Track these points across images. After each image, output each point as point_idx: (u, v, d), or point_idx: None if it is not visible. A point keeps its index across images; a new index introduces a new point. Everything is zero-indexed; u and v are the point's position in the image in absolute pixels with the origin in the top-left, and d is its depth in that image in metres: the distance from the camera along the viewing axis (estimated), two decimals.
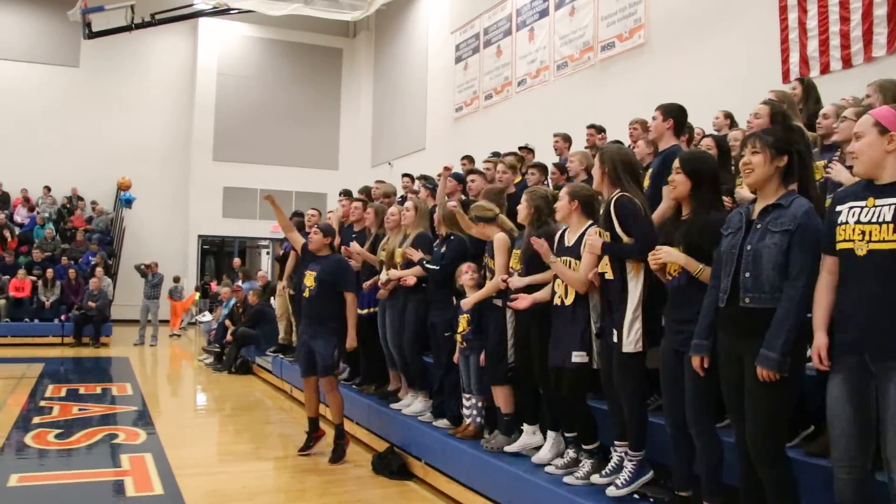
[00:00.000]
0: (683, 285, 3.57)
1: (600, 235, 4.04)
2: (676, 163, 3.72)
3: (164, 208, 20.53)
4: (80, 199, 19.57)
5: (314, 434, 6.52)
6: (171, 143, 20.86)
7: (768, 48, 9.08)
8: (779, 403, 3.04)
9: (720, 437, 3.55)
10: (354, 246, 6.92)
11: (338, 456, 6.22)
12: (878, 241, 2.71)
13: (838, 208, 2.89)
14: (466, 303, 5.30)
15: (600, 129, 8.26)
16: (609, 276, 4.03)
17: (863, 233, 2.76)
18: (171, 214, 20.59)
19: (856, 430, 2.76)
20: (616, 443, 4.12)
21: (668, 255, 3.56)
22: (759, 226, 3.15)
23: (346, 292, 6.23)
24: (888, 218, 2.69)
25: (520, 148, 9.22)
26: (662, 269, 3.65)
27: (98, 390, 9.77)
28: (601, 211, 4.13)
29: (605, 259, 4.04)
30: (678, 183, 3.66)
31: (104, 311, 15.32)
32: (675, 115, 4.89)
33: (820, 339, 2.89)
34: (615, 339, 3.92)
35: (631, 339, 3.85)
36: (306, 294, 6.31)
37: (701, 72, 9.86)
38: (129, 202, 18.83)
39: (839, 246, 2.85)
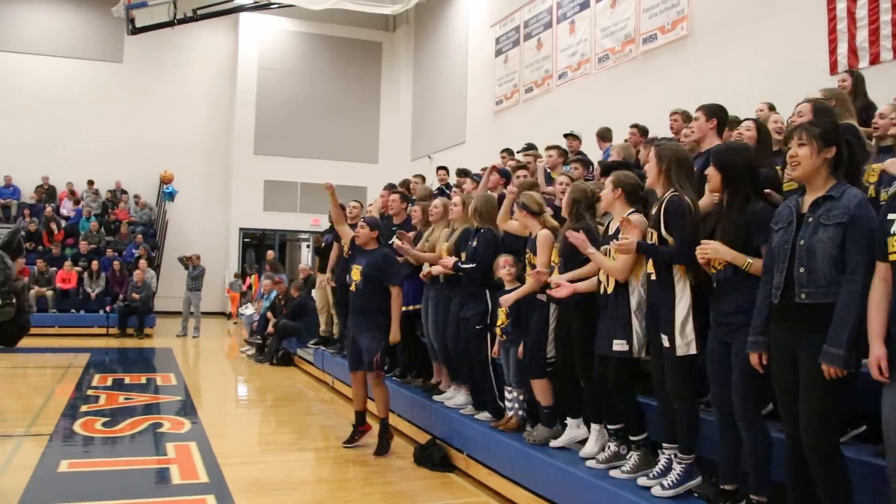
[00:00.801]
0: (730, 277, 3.54)
1: (650, 237, 4.00)
2: (713, 155, 3.70)
3: (206, 202, 20.82)
4: (124, 192, 19.89)
5: (360, 427, 6.55)
6: (212, 137, 21.12)
7: (815, 39, 8.88)
8: (834, 399, 2.99)
9: (769, 430, 3.51)
10: (405, 246, 6.91)
11: (383, 450, 6.26)
12: None
13: (890, 216, 2.81)
14: (506, 299, 5.29)
15: (644, 131, 8.13)
16: (654, 276, 4.00)
17: None
18: (213, 208, 20.88)
19: None
20: (665, 445, 4.08)
21: (714, 252, 3.53)
22: (810, 219, 3.10)
23: (391, 286, 6.25)
24: None
25: (565, 135, 9.18)
26: (708, 262, 3.61)
27: (143, 380, 9.94)
28: (653, 210, 4.08)
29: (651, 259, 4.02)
30: (711, 176, 3.67)
31: (148, 302, 15.57)
32: (718, 114, 4.87)
33: (878, 350, 2.79)
34: (666, 344, 3.87)
35: (684, 342, 3.80)
36: (353, 288, 6.34)
37: (745, 64, 9.69)
38: (171, 195, 19.09)
39: (891, 258, 2.78)
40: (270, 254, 17.02)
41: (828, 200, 3.08)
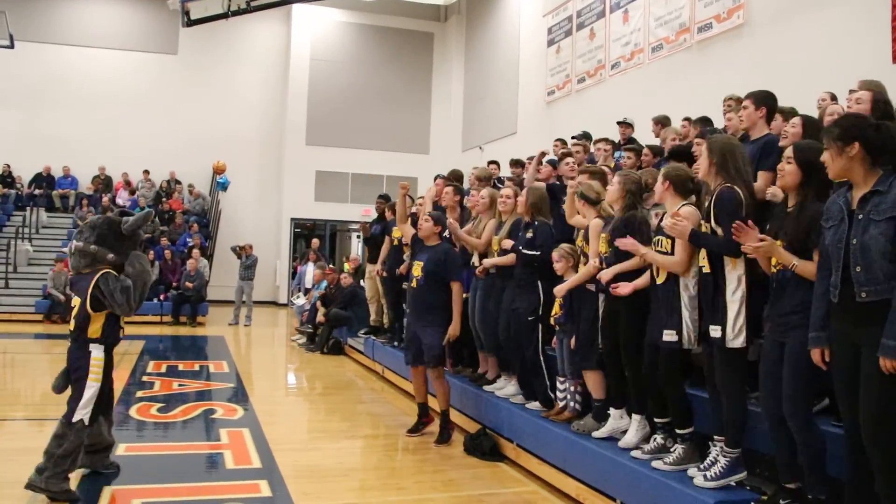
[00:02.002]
0: (788, 278, 3.51)
1: (703, 229, 3.97)
2: (789, 151, 3.66)
3: (258, 191, 21.10)
4: (178, 182, 20.23)
5: (423, 419, 6.60)
6: (264, 127, 21.38)
7: (877, 27, 8.62)
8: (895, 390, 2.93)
9: (819, 428, 3.48)
10: (455, 227, 6.90)
11: (444, 438, 6.29)
12: None
13: None
14: (559, 289, 5.29)
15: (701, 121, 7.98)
16: (707, 269, 3.97)
17: None
18: (265, 197, 21.16)
19: None
20: (715, 437, 4.06)
21: (766, 251, 3.52)
22: (860, 216, 3.06)
23: (452, 282, 6.26)
24: None
25: (618, 122, 9.09)
26: (768, 260, 3.59)
27: (196, 367, 10.13)
28: (706, 203, 4.04)
29: (703, 252, 3.98)
30: (787, 173, 3.61)
31: (200, 291, 15.82)
32: (767, 102, 4.80)
33: None
34: (717, 335, 3.84)
35: (735, 334, 3.78)
36: (413, 284, 6.36)
37: (803, 53, 9.46)
38: (224, 186, 19.36)
39: None
40: (315, 242, 17.14)
41: (875, 195, 3.04)
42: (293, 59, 20.99)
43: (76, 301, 4.72)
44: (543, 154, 7.50)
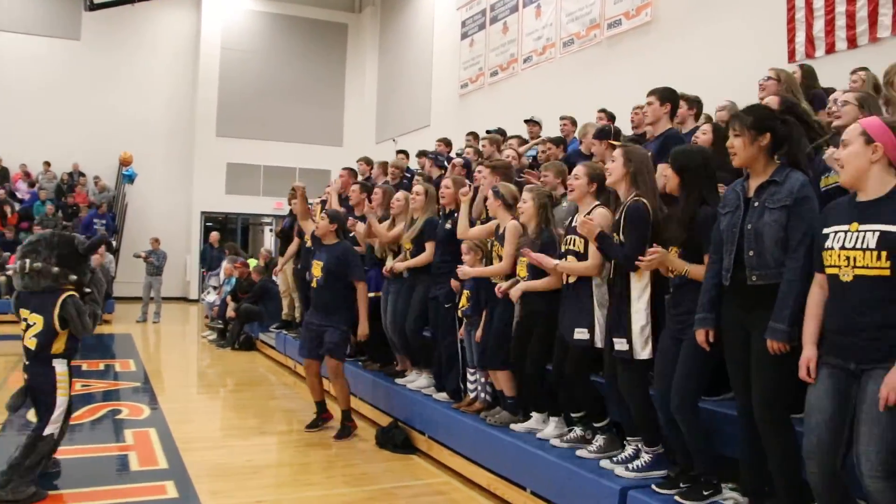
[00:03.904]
0: (686, 282, 3.63)
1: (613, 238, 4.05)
2: (670, 159, 3.79)
3: (167, 184, 20.48)
4: (82, 174, 19.46)
5: (323, 415, 6.55)
6: (173, 118, 20.76)
7: (775, 27, 8.99)
8: (785, 373, 3.07)
9: (702, 420, 3.63)
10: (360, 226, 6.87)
11: (343, 434, 6.24)
12: (864, 268, 2.71)
13: (825, 231, 2.88)
14: (465, 272, 5.27)
15: (612, 116, 8.16)
16: (612, 276, 4.07)
17: (848, 259, 2.76)
18: (174, 190, 20.56)
19: (831, 424, 2.79)
20: (629, 438, 4.16)
21: (659, 262, 3.64)
22: (756, 204, 3.19)
23: (356, 281, 6.21)
24: (872, 245, 2.69)
25: (525, 121, 9.18)
26: (658, 268, 3.73)
27: (101, 367, 9.77)
28: (617, 215, 4.11)
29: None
30: (669, 178, 3.76)
31: (106, 287, 15.25)
32: (671, 98, 4.94)
33: (809, 352, 2.92)
34: (623, 348, 3.92)
35: (642, 345, 3.88)
36: (314, 284, 6.28)
37: (708, 50, 9.77)
38: (130, 178, 18.78)
39: (827, 271, 2.85)
40: (215, 235, 16.77)
41: (772, 185, 3.17)
42: (203, 47, 20.49)
43: (34, 318, 4.59)
44: (454, 166, 7.50)
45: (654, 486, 3.73)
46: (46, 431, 4.55)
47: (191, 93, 20.81)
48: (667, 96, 5.00)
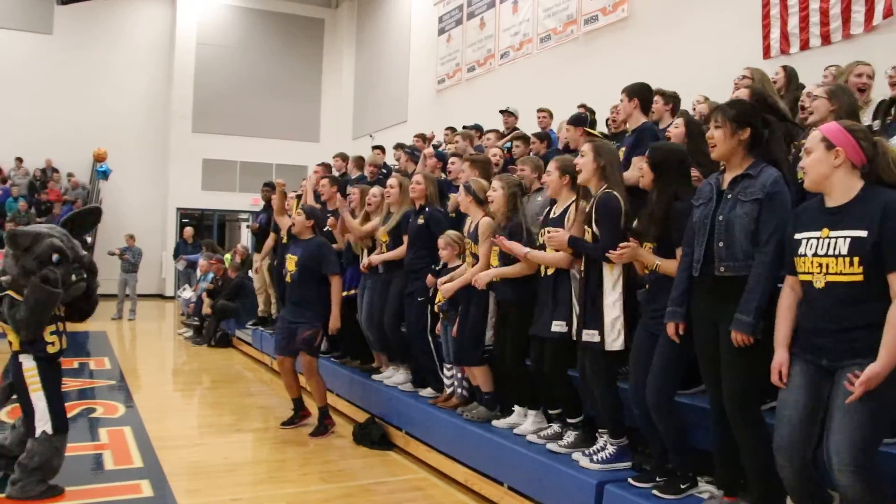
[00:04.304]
0: (660, 277, 3.65)
1: (585, 233, 4.07)
2: (646, 153, 3.80)
3: (142, 181, 20.25)
4: (55, 170, 19.21)
5: (301, 412, 6.52)
6: (149, 113, 20.54)
7: (750, 24, 9.06)
8: (754, 366, 3.10)
9: (679, 414, 3.66)
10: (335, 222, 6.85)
11: (320, 432, 6.22)
12: (836, 274, 2.73)
13: (797, 236, 2.90)
14: (447, 289, 5.22)
15: (592, 111, 8.18)
16: (584, 270, 4.08)
17: (820, 265, 2.78)
18: (149, 187, 20.33)
19: (803, 418, 2.81)
20: (599, 430, 4.19)
21: (630, 256, 3.67)
22: (729, 196, 3.22)
23: (330, 275, 6.18)
24: (844, 251, 2.71)
25: (501, 111, 9.19)
26: (641, 266, 3.75)
27: (75, 365, 9.65)
28: (587, 207, 4.13)
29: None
30: (644, 173, 3.77)
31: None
32: (640, 93, 4.97)
33: (780, 356, 2.93)
34: (594, 339, 3.94)
35: (614, 338, 3.90)
36: (288, 279, 6.26)
37: (684, 47, 9.83)
38: (105, 174, 18.56)
39: (800, 278, 2.87)
40: (188, 231, 16.65)
41: (745, 178, 3.20)
42: (178, 42, 20.28)
43: None
44: (427, 157, 7.51)
45: (630, 480, 3.76)
46: (37, 433, 4.43)
47: (166, 88, 20.60)
48: (634, 91, 5.02)
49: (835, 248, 2.73)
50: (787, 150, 4.32)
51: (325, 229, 6.76)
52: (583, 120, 5.60)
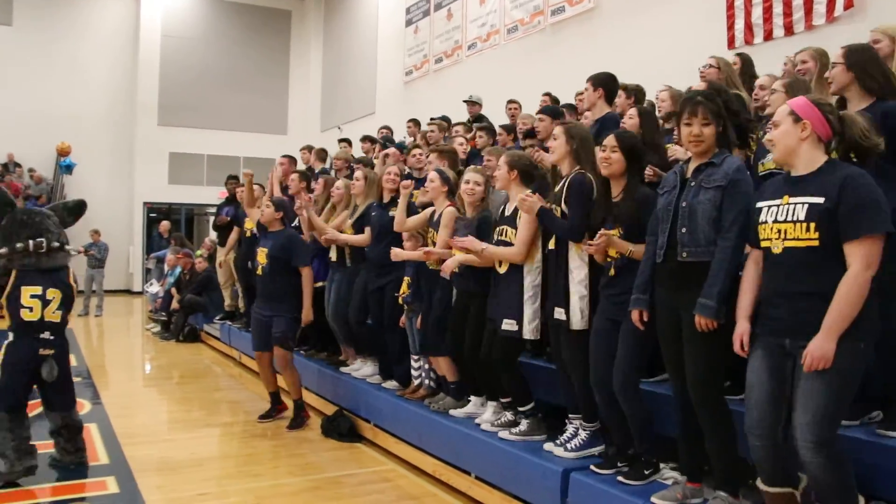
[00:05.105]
0: (626, 264, 3.67)
1: (554, 212, 4.06)
2: (612, 140, 3.80)
3: (107, 175, 19.90)
4: (18, 165, 18.82)
5: (277, 406, 6.51)
6: (113, 106, 20.17)
7: (715, 14, 9.13)
8: (716, 351, 3.15)
9: (643, 400, 3.69)
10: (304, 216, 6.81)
11: (296, 424, 6.22)
12: (794, 239, 2.79)
13: (759, 205, 2.96)
14: (397, 253, 5.25)
15: (556, 100, 8.21)
16: (552, 245, 4.08)
17: (779, 231, 2.84)
18: (115, 181, 19.98)
19: (770, 399, 2.87)
20: (570, 415, 4.20)
21: (606, 242, 3.66)
22: (692, 183, 3.26)
23: (301, 267, 6.16)
24: (801, 217, 2.77)
25: (465, 101, 9.21)
26: (602, 252, 3.75)
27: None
28: (557, 187, 4.14)
29: (550, 240, 4.11)
30: (614, 161, 3.75)
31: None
32: (605, 83, 4.99)
33: (742, 327, 2.99)
34: (562, 318, 3.96)
35: (579, 317, 3.91)
36: (259, 272, 6.24)
37: (649, 37, 9.88)
38: (69, 168, 18.27)
39: (763, 244, 2.93)
40: (163, 224, 16.47)
41: (709, 167, 3.25)
42: (143, 33, 19.94)
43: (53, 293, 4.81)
44: (387, 155, 7.49)
45: (592, 467, 3.79)
46: None
47: (131, 81, 20.27)
48: (600, 81, 5.05)
49: (793, 214, 2.79)
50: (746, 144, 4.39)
51: (293, 224, 6.73)
52: (559, 112, 5.64)
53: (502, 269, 4.37)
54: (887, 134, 3.28)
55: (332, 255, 6.53)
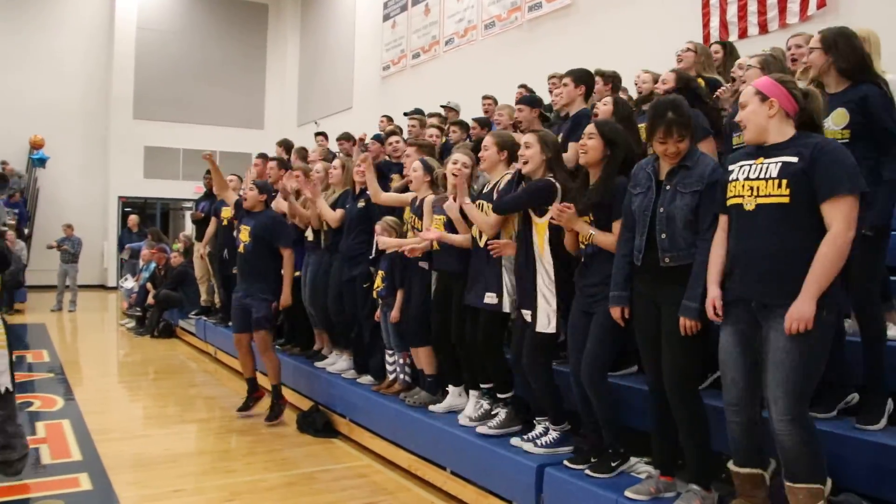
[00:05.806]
0: (597, 252, 3.68)
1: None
2: (592, 128, 3.80)
3: (82, 168, 19.71)
4: None
5: (254, 394, 6.50)
6: (87, 100, 19.93)
7: (691, 11, 9.22)
8: (695, 347, 3.19)
9: (612, 392, 3.74)
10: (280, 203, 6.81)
11: (275, 415, 6.22)
12: (765, 196, 2.83)
13: (731, 167, 3.01)
14: (385, 242, 5.24)
15: (532, 91, 8.23)
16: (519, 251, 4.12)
17: (751, 188, 2.88)
18: (89, 175, 19.78)
19: (745, 375, 2.93)
20: (538, 417, 4.21)
21: (570, 216, 3.66)
22: (668, 187, 3.28)
23: (282, 248, 6.16)
24: (774, 174, 2.82)
25: (442, 106, 9.20)
26: (574, 241, 3.77)
27: (12, 358, 9.44)
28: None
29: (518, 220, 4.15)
30: (591, 148, 3.75)
31: (17, 276, 14.69)
32: (588, 81, 5.00)
33: (713, 292, 3.03)
34: (527, 319, 3.98)
35: (546, 321, 3.92)
36: (241, 250, 6.23)
37: (626, 33, 9.94)
38: (42, 161, 18.04)
39: (730, 202, 2.97)
40: (133, 219, 16.33)
41: (682, 169, 3.27)
42: (118, 26, 19.69)
43: None
44: (363, 141, 7.53)
45: (565, 462, 3.81)
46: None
47: (106, 73, 20.06)
48: (582, 78, 5.06)
49: (766, 172, 2.85)
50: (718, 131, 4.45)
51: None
52: (538, 102, 5.66)
53: (482, 242, 4.34)
54: (867, 117, 3.36)
55: (309, 235, 6.55)
